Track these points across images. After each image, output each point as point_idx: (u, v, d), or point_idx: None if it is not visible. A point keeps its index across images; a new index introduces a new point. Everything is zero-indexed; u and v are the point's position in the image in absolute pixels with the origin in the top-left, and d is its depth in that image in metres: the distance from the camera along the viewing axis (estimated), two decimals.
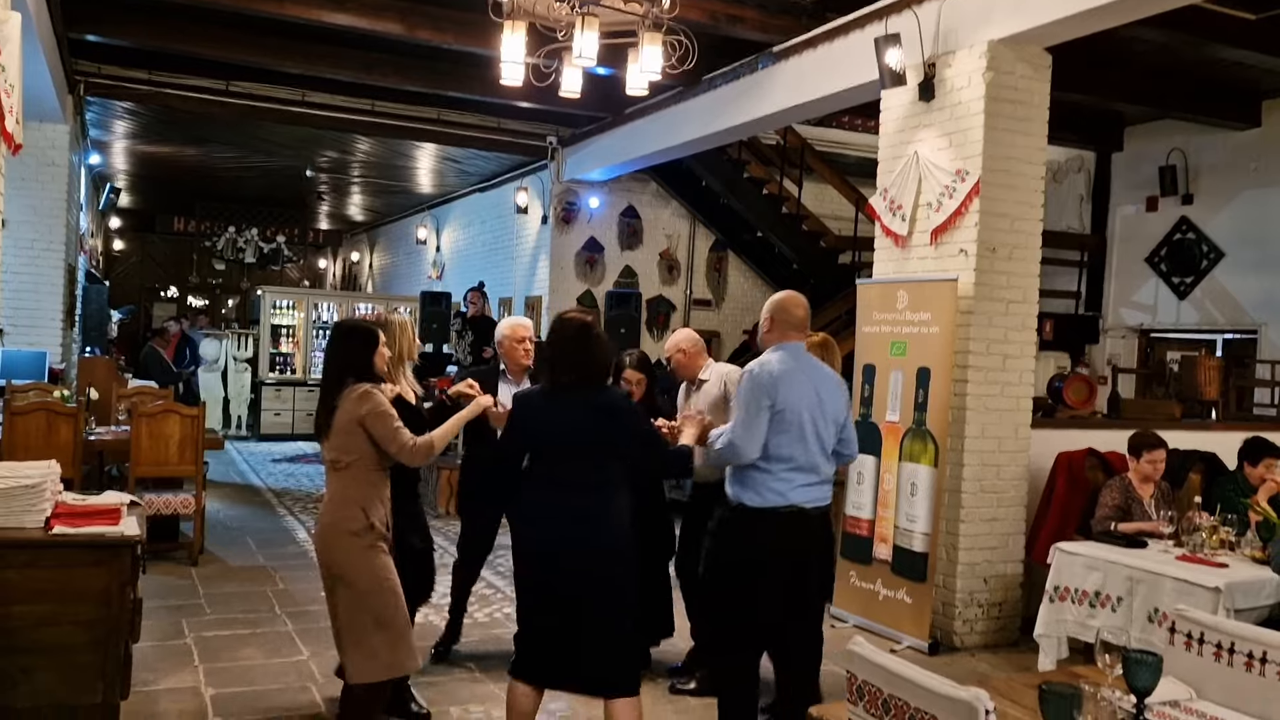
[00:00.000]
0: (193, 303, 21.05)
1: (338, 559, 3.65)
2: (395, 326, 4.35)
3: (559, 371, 3.58)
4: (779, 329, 4.03)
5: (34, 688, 3.76)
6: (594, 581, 3.48)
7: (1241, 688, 2.59)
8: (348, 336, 3.82)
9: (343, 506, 3.65)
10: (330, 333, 3.95)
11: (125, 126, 12.27)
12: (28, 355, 9.13)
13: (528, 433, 3.65)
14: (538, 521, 3.58)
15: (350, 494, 3.66)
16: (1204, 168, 9.79)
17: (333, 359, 3.81)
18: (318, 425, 3.75)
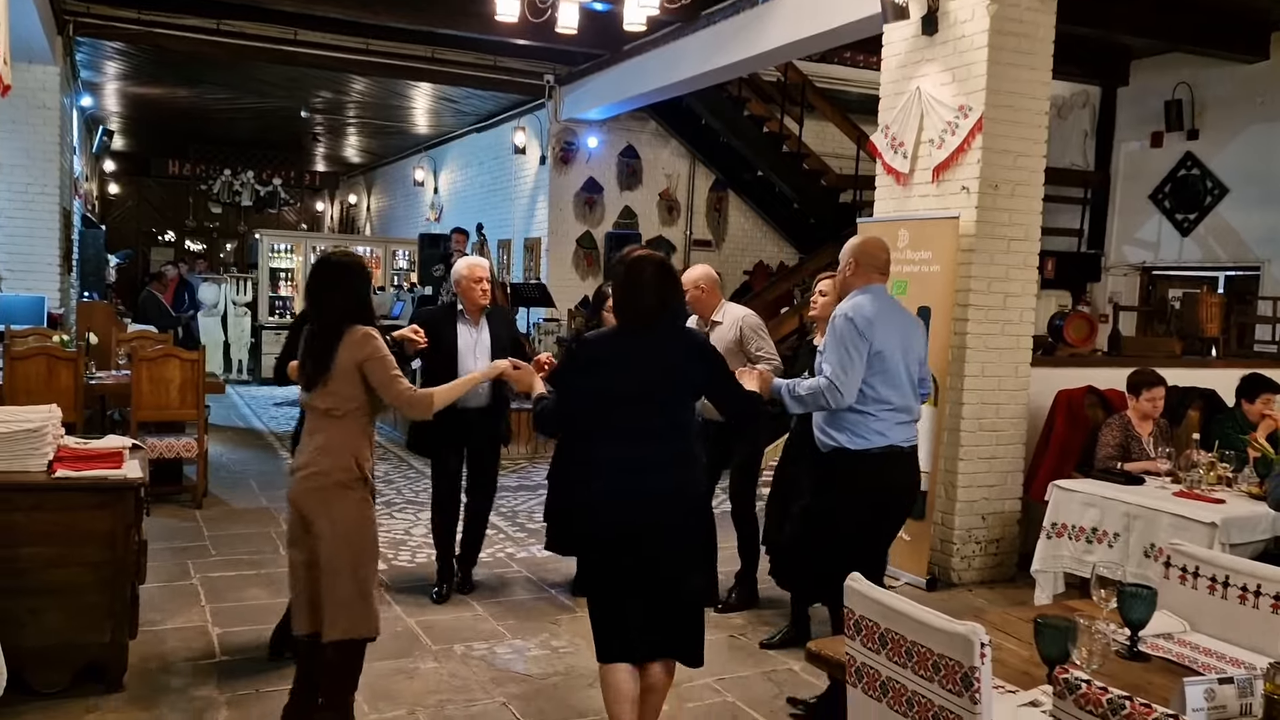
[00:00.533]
0: (190, 247, 20.95)
1: (327, 511, 3.35)
2: None
3: (638, 313, 3.22)
4: (864, 271, 4.04)
5: (43, 628, 3.82)
6: (688, 542, 3.21)
7: (1235, 620, 2.62)
8: (347, 273, 3.46)
9: (335, 456, 3.37)
10: (320, 269, 3.50)
11: (116, 68, 12.10)
12: (26, 300, 9.12)
13: (600, 382, 3.21)
14: (621, 483, 3.17)
15: (345, 443, 3.39)
16: (1210, 102, 9.64)
17: (331, 298, 3.41)
18: (309, 371, 3.40)
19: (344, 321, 3.38)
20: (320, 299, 3.45)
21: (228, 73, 12.06)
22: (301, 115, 14.78)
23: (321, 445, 3.41)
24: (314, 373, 3.39)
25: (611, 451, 3.21)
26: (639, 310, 3.22)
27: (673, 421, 3.25)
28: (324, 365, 3.36)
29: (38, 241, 9.73)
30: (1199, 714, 2.07)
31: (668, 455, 3.21)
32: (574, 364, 3.33)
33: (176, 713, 3.80)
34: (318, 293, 3.46)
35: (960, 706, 2.00)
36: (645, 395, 3.20)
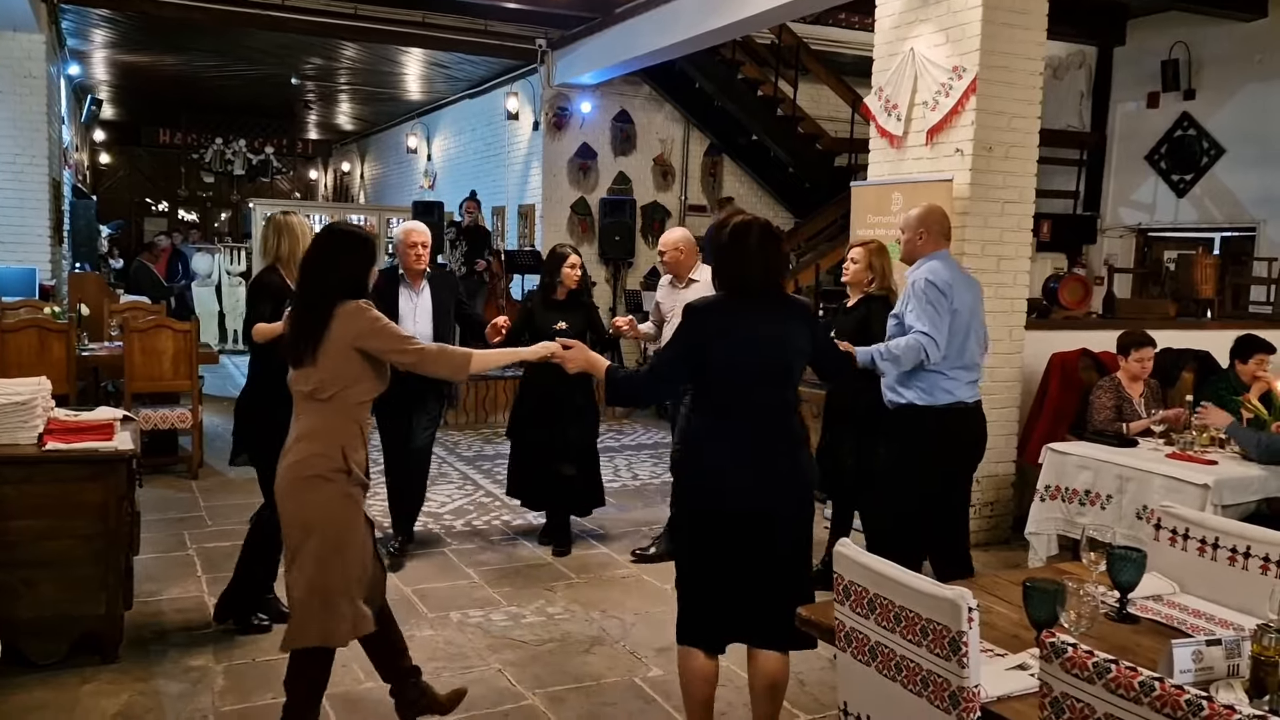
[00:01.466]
0: (184, 216, 20.82)
1: (307, 508, 3.09)
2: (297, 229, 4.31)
3: (749, 279, 3.08)
4: (934, 238, 4.27)
5: (38, 600, 3.84)
6: (802, 529, 3.11)
7: (1224, 581, 2.63)
8: (348, 248, 3.21)
9: (317, 443, 3.10)
10: (319, 241, 3.30)
11: (104, 35, 11.94)
12: (16, 272, 9.07)
13: (714, 350, 3.05)
14: (744, 461, 3.02)
15: (328, 430, 3.11)
16: (1207, 61, 9.57)
17: (324, 273, 3.16)
18: (296, 349, 3.13)
19: (335, 296, 3.12)
20: (313, 272, 3.19)
21: (216, 39, 11.91)
22: (292, 82, 14.62)
23: (301, 432, 3.14)
24: (301, 351, 3.11)
25: (731, 428, 3.04)
26: (747, 280, 3.08)
27: (787, 398, 3.14)
28: (313, 343, 3.09)
29: (28, 213, 9.65)
30: (1186, 675, 2.08)
31: (787, 434, 3.10)
32: (690, 329, 3.11)
33: (172, 683, 3.82)
34: (311, 265, 3.21)
35: (948, 670, 2.01)
36: (764, 369, 3.07)
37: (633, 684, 3.95)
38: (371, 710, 3.67)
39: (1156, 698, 1.59)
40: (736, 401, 3.07)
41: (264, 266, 4.40)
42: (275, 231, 4.33)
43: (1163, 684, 1.60)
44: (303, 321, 3.15)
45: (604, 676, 4.00)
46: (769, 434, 3.06)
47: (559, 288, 5.45)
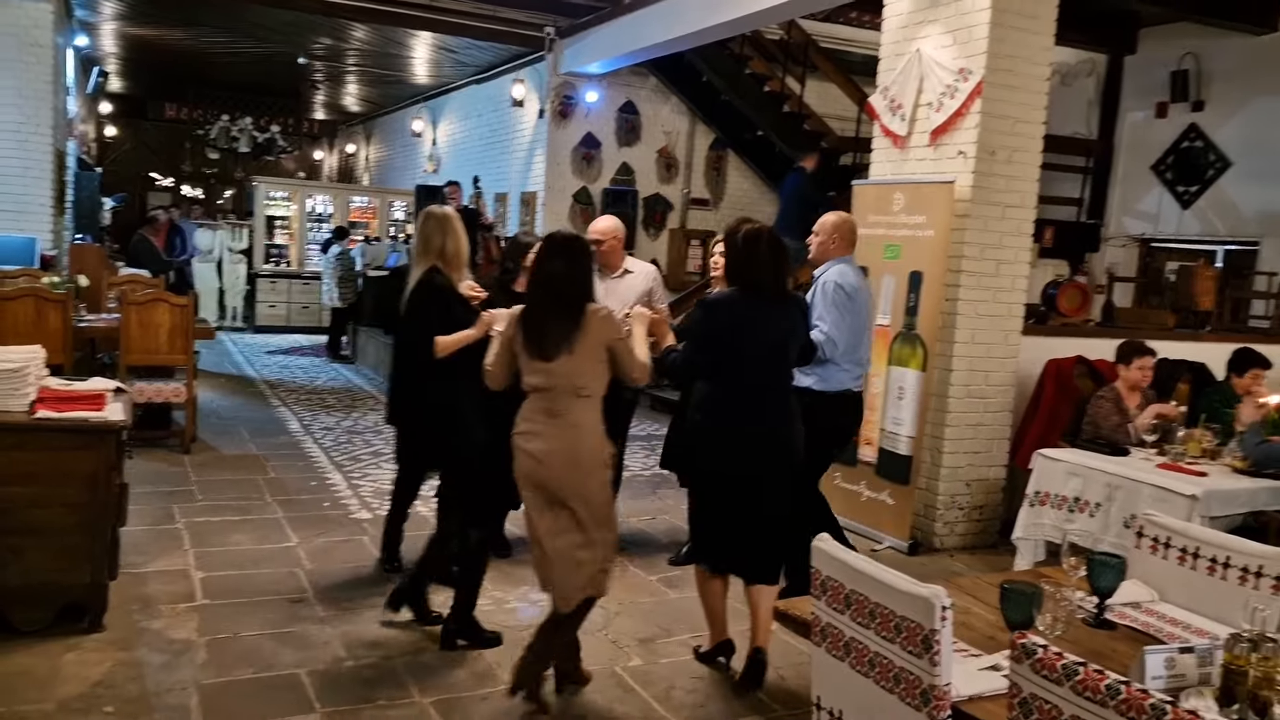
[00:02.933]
0: (187, 192, 20.80)
1: (589, 489, 3.46)
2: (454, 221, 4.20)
3: (760, 285, 3.76)
4: (843, 245, 4.80)
5: (25, 567, 3.85)
6: (783, 483, 3.83)
7: (1202, 591, 2.64)
8: (583, 253, 3.56)
9: (595, 436, 3.47)
10: (555, 246, 3.52)
11: (112, 7, 11.92)
12: (17, 241, 9.05)
13: (731, 342, 3.72)
14: (743, 421, 3.71)
15: (597, 422, 3.49)
16: (1217, 73, 9.54)
17: (572, 276, 3.46)
18: (547, 349, 3.39)
19: (584, 300, 3.47)
20: (564, 276, 3.45)
21: (225, 15, 11.88)
22: (299, 62, 14.60)
23: (578, 422, 3.43)
24: (554, 351, 3.39)
25: (737, 399, 3.73)
26: (760, 283, 3.76)
27: (783, 377, 3.87)
28: (570, 344, 3.39)
29: (30, 182, 9.63)
30: (1158, 681, 2.09)
31: (785, 410, 3.82)
32: (706, 326, 3.79)
33: (155, 653, 3.83)
34: (557, 269, 3.45)
35: (920, 668, 2.02)
36: (769, 355, 3.78)
37: (614, 673, 3.96)
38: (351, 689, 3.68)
39: (1122, 701, 1.60)
40: (745, 381, 3.75)
41: (427, 267, 4.11)
42: (440, 229, 4.13)
43: (1129, 687, 1.60)
44: (554, 324, 3.41)
45: (587, 663, 4.00)
46: (770, 410, 3.77)
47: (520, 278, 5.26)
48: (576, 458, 3.43)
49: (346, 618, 4.30)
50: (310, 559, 5.02)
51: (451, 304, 4.08)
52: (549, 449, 3.41)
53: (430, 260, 4.11)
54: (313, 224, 15.30)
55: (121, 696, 3.49)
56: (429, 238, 4.13)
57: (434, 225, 4.14)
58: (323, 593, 4.57)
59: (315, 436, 7.86)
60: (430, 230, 4.14)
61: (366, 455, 7.34)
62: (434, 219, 4.17)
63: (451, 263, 4.11)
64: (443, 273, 4.09)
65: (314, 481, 6.52)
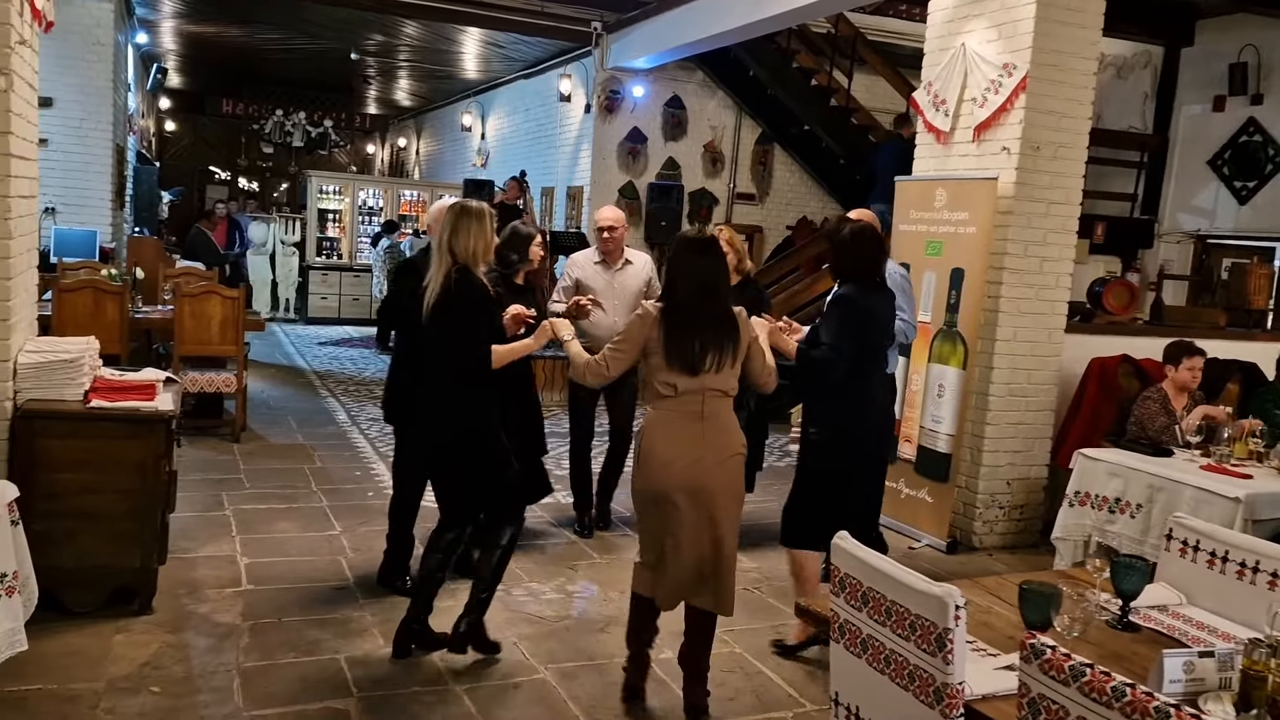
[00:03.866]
0: (243, 185, 21.23)
1: (738, 490, 3.50)
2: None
3: (876, 270, 4.05)
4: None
5: (78, 550, 3.99)
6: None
7: (1231, 595, 2.61)
8: (721, 254, 3.55)
9: (738, 435, 3.49)
10: (692, 247, 3.47)
11: (171, 5, 12.21)
12: (79, 234, 9.33)
13: (871, 331, 4.02)
14: (884, 411, 4.25)
15: (736, 423, 3.51)
16: (1277, 65, 9.30)
17: (718, 280, 3.46)
18: (708, 352, 3.34)
19: (729, 302, 3.46)
20: (707, 280, 3.42)
21: (280, 12, 12.12)
22: (352, 58, 14.83)
23: (725, 425, 3.44)
24: (723, 354, 3.36)
25: (874, 389, 4.08)
26: (877, 272, 4.05)
27: (889, 363, 4.35)
28: (733, 347, 3.39)
29: (91, 176, 9.92)
30: (1176, 685, 2.08)
31: (894, 390, 4.40)
32: (854, 321, 3.95)
33: (201, 636, 3.96)
34: (701, 272, 3.42)
35: (933, 666, 2.03)
36: (888, 341, 4.21)
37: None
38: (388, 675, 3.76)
39: (1127, 703, 1.61)
40: (874, 368, 4.08)
41: (458, 266, 3.71)
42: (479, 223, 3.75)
43: (1134, 690, 1.61)
44: (714, 326, 3.38)
45: (616, 655, 4.04)
46: (891, 392, 4.39)
47: (520, 270, 4.95)
48: (727, 458, 3.42)
49: (386, 606, 4.39)
50: (353, 548, 5.13)
51: (494, 310, 3.85)
52: (698, 453, 3.36)
53: (463, 259, 3.72)
54: (363, 217, 15.54)
55: (168, 677, 3.61)
56: (470, 234, 3.74)
57: (475, 221, 3.76)
58: (364, 581, 4.68)
59: (361, 427, 8.00)
60: (470, 226, 3.74)
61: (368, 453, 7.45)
62: (474, 215, 3.77)
63: (478, 263, 3.77)
64: (475, 274, 3.77)
65: (359, 471, 6.65)
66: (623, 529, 5.76)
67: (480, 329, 3.75)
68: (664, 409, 3.42)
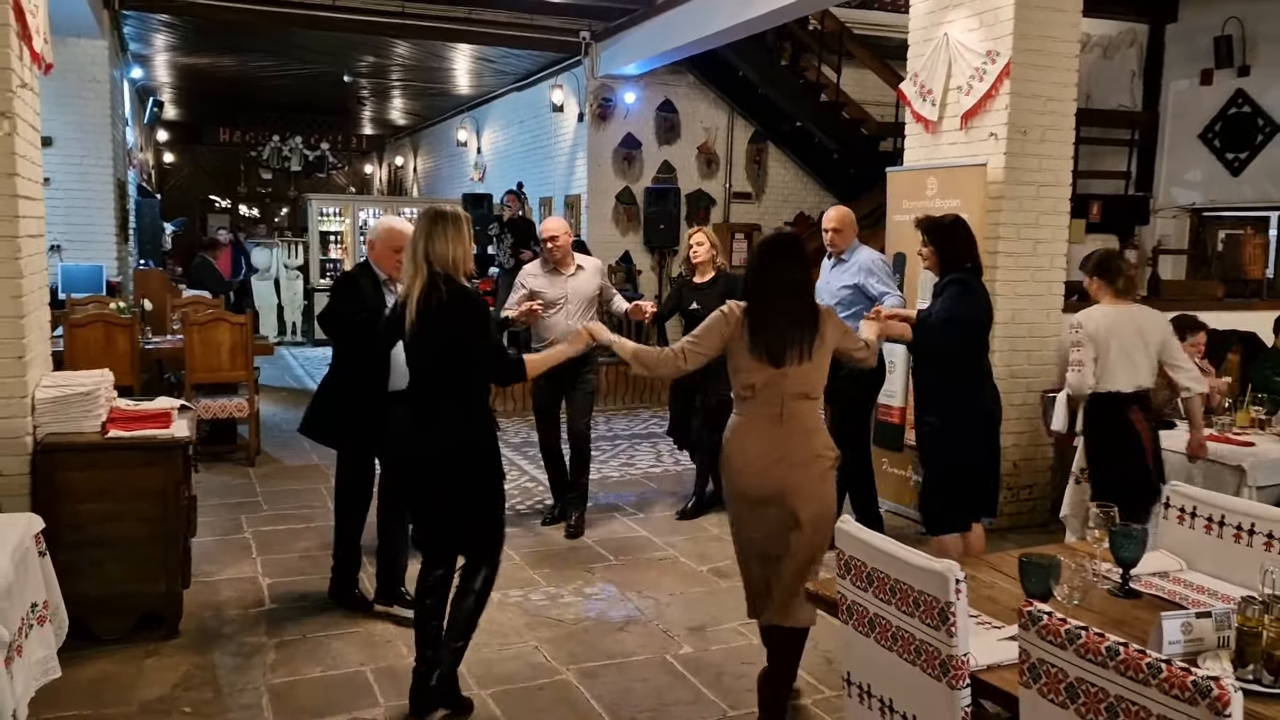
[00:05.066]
0: (244, 212, 21.38)
1: (820, 498, 3.32)
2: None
3: (976, 261, 4.28)
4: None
5: (103, 578, 4.07)
6: None
7: (1229, 558, 2.67)
8: (806, 253, 3.50)
9: (822, 437, 3.36)
10: (778, 248, 3.45)
11: (164, 39, 12.35)
12: (85, 269, 9.44)
13: (987, 317, 4.31)
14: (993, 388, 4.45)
15: (820, 425, 3.40)
16: (1261, 37, 9.36)
17: (803, 279, 3.40)
18: (785, 352, 3.27)
19: (814, 300, 3.40)
20: (793, 279, 3.36)
21: (271, 40, 12.24)
22: (345, 80, 14.95)
23: (809, 427, 3.34)
24: (800, 348, 3.28)
25: (985, 369, 4.40)
26: (976, 258, 4.26)
27: None
28: (810, 346, 3.30)
29: (94, 212, 10.03)
30: (1175, 646, 2.15)
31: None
32: (978, 307, 4.20)
33: (228, 656, 4.04)
34: (788, 273, 3.36)
35: (938, 640, 2.10)
36: (990, 323, 4.38)
37: (664, 660, 4.07)
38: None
39: (1121, 661, 1.68)
40: (983, 351, 4.38)
41: (444, 275, 3.42)
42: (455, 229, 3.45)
43: (1127, 649, 1.68)
44: (793, 326, 3.30)
45: (636, 654, 4.13)
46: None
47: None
48: (808, 459, 3.30)
49: (407, 616, 4.47)
50: (372, 563, 5.19)
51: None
52: (777, 455, 3.28)
53: (441, 267, 3.43)
54: (365, 237, 15.63)
55: (198, 698, 3.69)
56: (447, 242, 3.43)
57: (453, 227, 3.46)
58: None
59: None
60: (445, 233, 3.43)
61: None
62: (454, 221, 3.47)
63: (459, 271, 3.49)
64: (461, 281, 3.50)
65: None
66: (636, 529, 5.83)
67: (495, 336, 3.73)
68: (743, 412, 3.39)
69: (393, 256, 4.25)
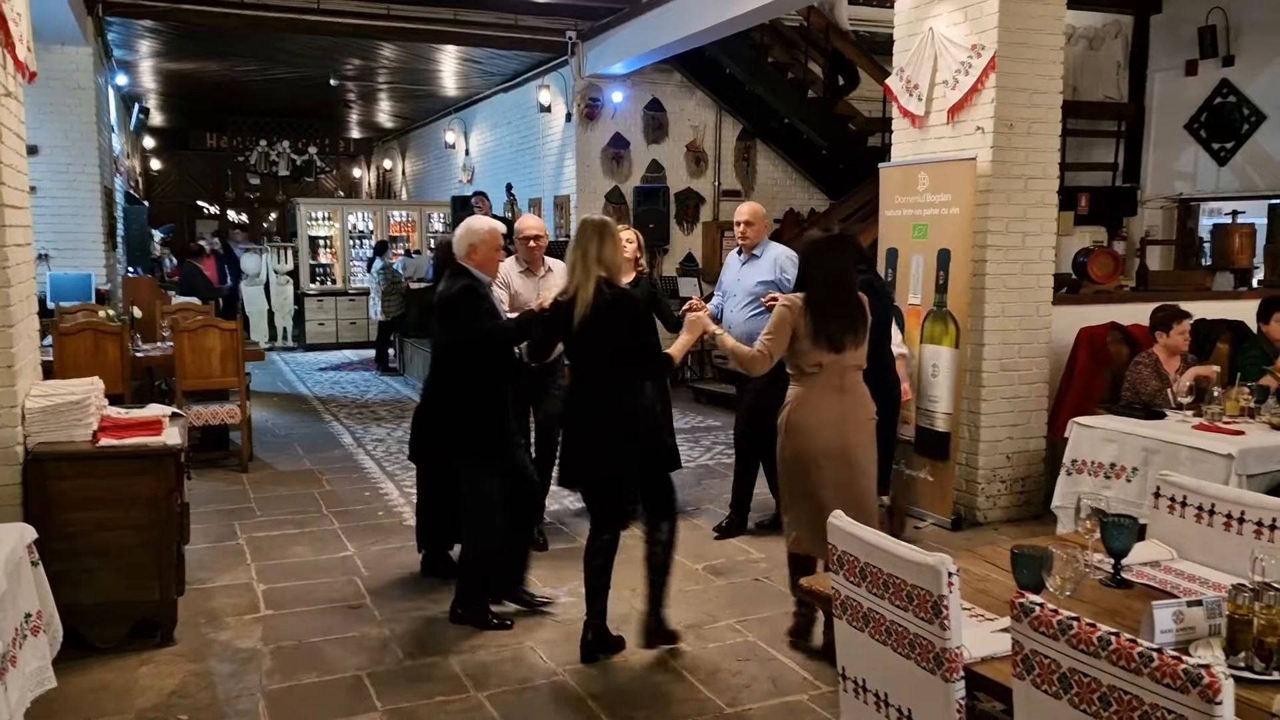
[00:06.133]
0: (233, 217, 21.31)
1: (872, 446, 4.03)
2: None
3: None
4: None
5: (97, 587, 4.06)
6: None
7: (1220, 546, 2.69)
8: (850, 250, 4.13)
9: (870, 402, 4.03)
10: (828, 246, 3.99)
11: (149, 45, 12.28)
12: (73, 278, 9.39)
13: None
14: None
15: (867, 391, 4.02)
16: (1245, 26, 9.39)
17: (851, 274, 3.99)
18: (849, 334, 3.89)
19: (857, 292, 3.99)
20: (844, 275, 3.95)
21: (256, 45, 12.19)
22: (331, 83, 14.90)
23: (860, 398, 4.00)
24: (857, 335, 3.94)
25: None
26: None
27: None
28: (857, 334, 3.94)
29: (82, 220, 9.96)
30: (1167, 635, 2.16)
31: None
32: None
33: (224, 662, 4.03)
34: (839, 269, 3.94)
35: (932, 633, 2.11)
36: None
37: (661, 659, 4.08)
38: (411, 688, 3.83)
39: (1113, 651, 1.68)
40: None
41: (607, 279, 3.86)
42: (614, 239, 3.92)
43: (1119, 638, 1.69)
44: (852, 312, 3.95)
45: (632, 653, 4.13)
46: None
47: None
48: (864, 420, 3.99)
49: (403, 620, 4.48)
50: (367, 566, 5.20)
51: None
52: (840, 419, 3.91)
53: (606, 271, 3.87)
54: (354, 241, 15.64)
55: (195, 705, 3.68)
56: (609, 247, 3.90)
57: (611, 235, 3.91)
58: (380, 598, 4.75)
59: (367, 448, 8.08)
60: (609, 241, 3.90)
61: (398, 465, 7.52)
62: (610, 229, 3.93)
63: (618, 273, 3.96)
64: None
65: (368, 492, 6.73)
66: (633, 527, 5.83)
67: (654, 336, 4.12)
68: (810, 385, 3.95)
69: (496, 257, 4.39)
